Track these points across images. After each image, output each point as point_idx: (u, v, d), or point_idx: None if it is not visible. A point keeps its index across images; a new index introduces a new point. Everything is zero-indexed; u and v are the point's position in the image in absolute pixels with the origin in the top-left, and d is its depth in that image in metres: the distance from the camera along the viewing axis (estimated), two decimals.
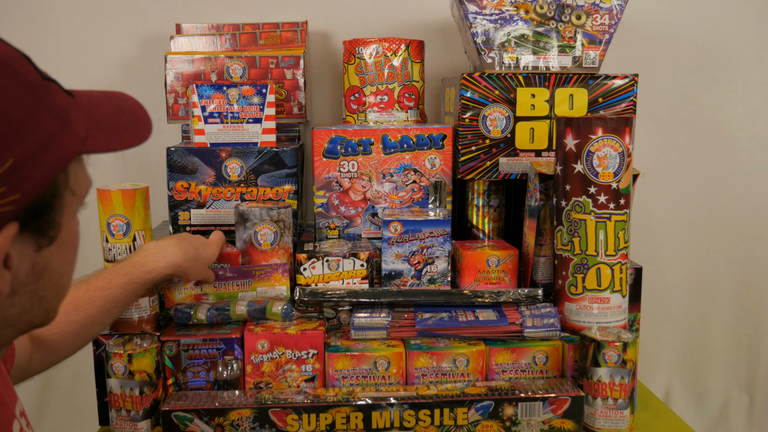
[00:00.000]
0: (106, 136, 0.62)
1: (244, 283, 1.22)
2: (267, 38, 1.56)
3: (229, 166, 1.35)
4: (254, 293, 1.22)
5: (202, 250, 1.14)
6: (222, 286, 1.21)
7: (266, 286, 1.22)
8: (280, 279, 1.22)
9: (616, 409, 1.12)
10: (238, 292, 1.21)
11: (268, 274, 1.22)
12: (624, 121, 1.17)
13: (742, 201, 1.79)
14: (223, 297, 1.21)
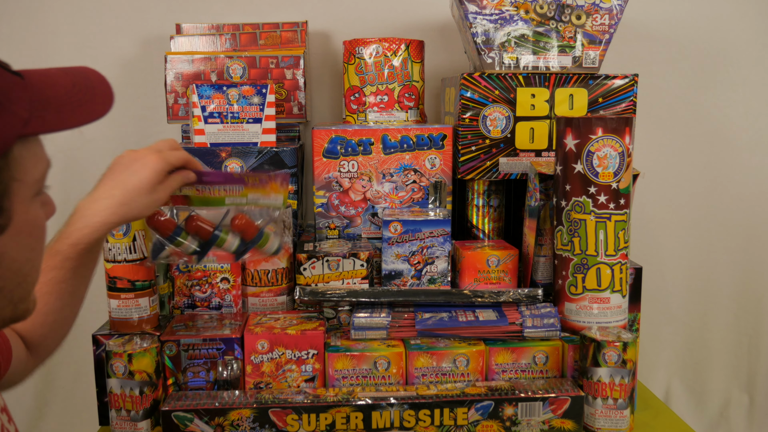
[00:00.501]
0: (55, 115, 0.59)
1: (234, 189, 1.01)
2: (267, 38, 1.56)
3: (229, 166, 1.35)
4: (244, 200, 1.02)
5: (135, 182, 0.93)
6: (206, 190, 1.01)
7: (259, 193, 1.02)
8: (278, 189, 1.02)
9: (616, 409, 1.12)
10: (225, 197, 1.01)
11: (264, 182, 1.02)
12: (624, 121, 1.17)
13: (742, 201, 1.79)
14: (208, 202, 1.01)
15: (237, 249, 1.04)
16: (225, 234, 1.04)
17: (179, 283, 1.27)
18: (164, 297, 1.28)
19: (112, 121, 1.64)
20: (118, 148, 1.68)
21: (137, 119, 1.66)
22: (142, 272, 1.19)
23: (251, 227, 1.05)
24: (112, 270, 1.18)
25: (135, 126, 1.67)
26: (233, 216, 1.04)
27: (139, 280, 1.19)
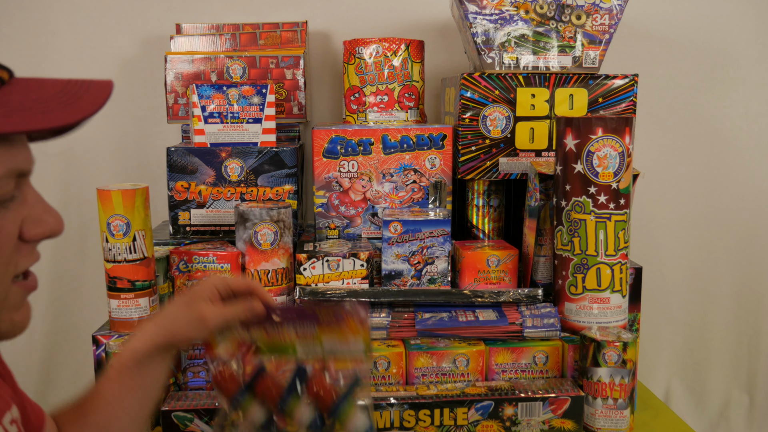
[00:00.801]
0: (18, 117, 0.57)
1: (307, 330, 0.86)
2: (267, 38, 1.56)
3: (229, 166, 1.35)
4: (319, 348, 0.85)
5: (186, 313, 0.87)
6: (276, 332, 0.86)
7: (336, 339, 0.85)
8: (357, 330, 0.84)
9: (616, 409, 1.12)
10: (296, 342, 0.85)
11: (340, 320, 0.85)
12: (624, 121, 1.17)
13: (742, 201, 1.79)
14: (278, 349, 0.86)
15: (311, 423, 0.81)
16: (295, 401, 0.81)
17: (179, 283, 1.27)
18: (164, 297, 1.28)
19: (112, 121, 1.65)
20: (118, 148, 1.70)
21: (137, 119, 1.66)
22: (142, 272, 1.19)
23: (328, 393, 0.81)
24: (112, 270, 1.18)
25: (135, 126, 1.67)
26: (308, 378, 0.83)
27: (139, 280, 1.19)
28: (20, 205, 0.61)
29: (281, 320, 0.82)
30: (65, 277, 1.67)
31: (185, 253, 1.26)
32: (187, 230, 1.37)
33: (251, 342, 0.83)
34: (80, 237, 1.65)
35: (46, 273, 1.64)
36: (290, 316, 0.83)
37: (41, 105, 0.58)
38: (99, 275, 1.53)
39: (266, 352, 0.83)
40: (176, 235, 1.36)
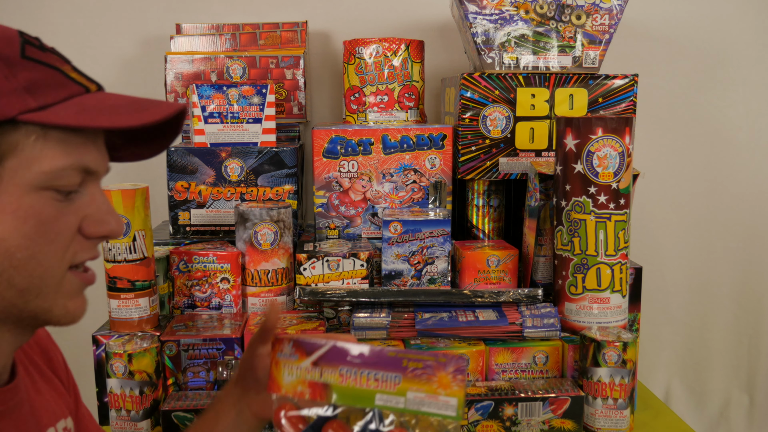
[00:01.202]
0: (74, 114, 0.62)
1: (389, 378, 0.72)
2: (267, 38, 1.56)
3: (229, 166, 1.35)
4: (402, 400, 0.71)
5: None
6: (352, 377, 0.73)
7: (423, 392, 0.70)
8: (449, 384, 0.70)
9: (616, 409, 1.12)
10: (376, 391, 0.72)
11: (431, 372, 0.70)
12: (624, 121, 1.17)
13: (742, 201, 1.79)
14: (354, 396, 0.73)
15: None
16: None
17: (179, 283, 1.27)
18: (164, 297, 1.28)
19: None
20: None
21: None
22: (142, 272, 1.19)
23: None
24: (112, 270, 1.18)
25: None
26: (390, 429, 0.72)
27: (139, 280, 1.19)
28: (86, 202, 0.67)
29: (360, 364, 0.73)
30: None
31: (185, 253, 1.26)
32: (187, 230, 1.37)
33: (322, 383, 0.74)
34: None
35: None
36: (371, 360, 0.73)
37: (112, 110, 0.65)
38: (99, 275, 1.53)
39: (339, 398, 0.73)
40: (176, 235, 1.36)
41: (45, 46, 0.65)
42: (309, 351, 0.73)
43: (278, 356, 0.75)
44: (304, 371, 0.74)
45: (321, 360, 0.73)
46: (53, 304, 0.67)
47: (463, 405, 0.70)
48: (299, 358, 0.74)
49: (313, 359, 0.73)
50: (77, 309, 0.70)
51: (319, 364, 0.73)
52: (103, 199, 0.68)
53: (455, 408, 0.69)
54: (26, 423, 0.73)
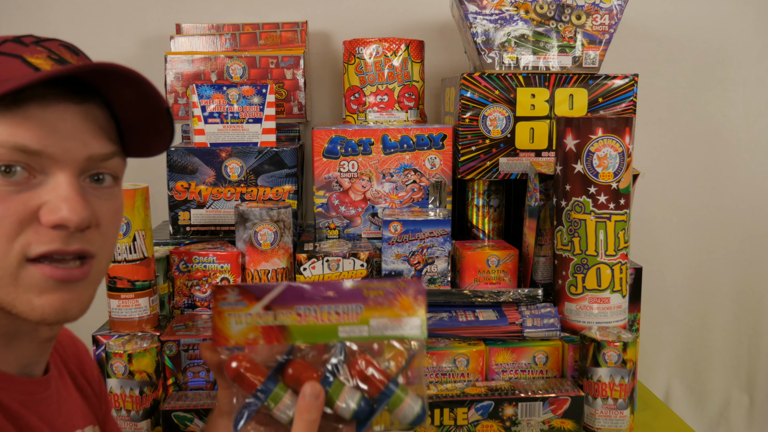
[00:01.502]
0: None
1: (350, 309, 0.71)
2: (267, 38, 1.56)
3: (229, 166, 1.35)
4: (365, 329, 0.70)
5: None
6: (311, 314, 0.70)
7: (386, 317, 0.70)
8: (410, 306, 0.70)
9: (616, 409, 1.12)
10: (338, 324, 0.70)
11: (392, 297, 0.70)
12: (624, 121, 1.17)
13: (743, 201, 1.79)
14: (315, 334, 0.70)
15: (356, 411, 0.68)
16: (337, 387, 0.68)
17: (179, 283, 1.27)
18: (164, 297, 1.28)
19: None
20: None
21: None
22: (142, 272, 1.19)
23: (376, 378, 0.69)
24: (112, 270, 1.18)
25: None
26: (351, 359, 0.70)
27: (139, 280, 1.19)
28: (48, 189, 0.63)
29: (319, 300, 0.69)
30: None
31: (185, 253, 1.26)
32: (187, 230, 1.37)
33: (278, 326, 0.69)
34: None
35: None
36: (331, 295, 0.70)
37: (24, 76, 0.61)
38: None
39: (299, 338, 0.70)
40: (176, 235, 1.36)
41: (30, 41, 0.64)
42: (259, 295, 0.69)
43: (221, 306, 0.70)
44: (255, 317, 0.69)
45: (274, 303, 0.69)
46: (15, 299, 0.63)
47: (426, 323, 0.70)
48: (248, 304, 0.69)
49: (265, 303, 0.69)
50: (47, 306, 0.64)
51: (272, 307, 0.69)
52: (65, 187, 0.63)
53: (419, 327, 0.69)
54: (53, 418, 0.73)
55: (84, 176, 0.66)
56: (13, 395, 0.68)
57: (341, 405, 0.68)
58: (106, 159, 0.67)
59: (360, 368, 0.69)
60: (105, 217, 0.67)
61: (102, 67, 0.63)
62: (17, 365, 0.69)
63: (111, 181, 0.69)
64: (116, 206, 0.70)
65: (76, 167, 0.64)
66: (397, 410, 0.69)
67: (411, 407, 0.69)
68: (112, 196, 0.69)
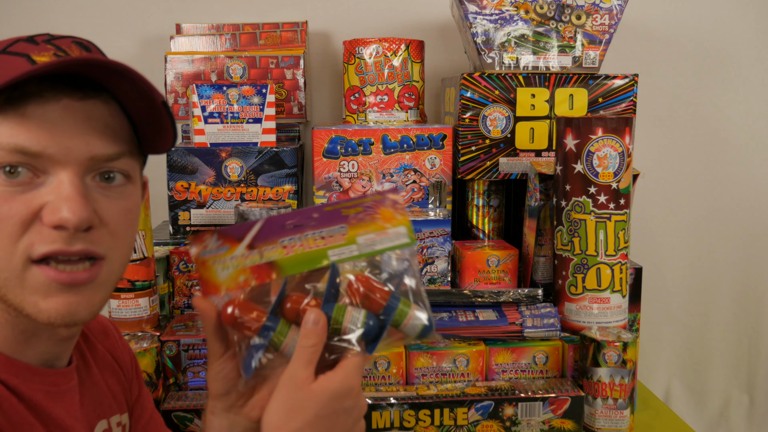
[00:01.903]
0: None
1: (335, 231, 0.68)
2: (267, 38, 1.56)
3: (229, 166, 1.35)
4: (354, 248, 0.68)
5: None
6: (296, 243, 0.67)
7: (372, 232, 0.69)
8: (392, 217, 0.69)
9: (616, 409, 1.12)
10: (326, 249, 0.68)
11: (371, 211, 0.69)
12: (624, 121, 1.17)
13: (742, 201, 1.79)
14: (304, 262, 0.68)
15: (366, 331, 0.66)
16: (341, 309, 0.66)
17: (179, 283, 1.27)
18: (164, 297, 1.28)
19: None
20: None
21: None
22: (142, 272, 1.19)
23: (374, 292, 0.67)
24: None
25: None
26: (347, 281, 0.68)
27: (139, 280, 1.19)
28: (50, 190, 0.62)
29: (300, 227, 0.67)
30: None
31: (185, 253, 1.26)
32: (187, 230, 1.36)
33: (266, 263, 0.66)
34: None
35: None
36: (311, 221, 0.68)
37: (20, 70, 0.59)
38: None
39: (290, 269, 0.67)
40: (176, 235, 1.36)
41: (43, 39, 0.63)
42: (239, 236, 0.67)
43: (203, 255, 0.67)
44: (240, 259, 0.67)
45: (256, 240, 0.67)
46: (23, 301, 0.62)
47: (411, 229, 0.68)
48: (230, 248, 0.67)
49: (247, 242, 0.67)
50: (52, 309, 0.62)
51: (255, 245, 0.67)
52: (66, 187, 0.61)
53: (406, 235, 0.68)
54: (75, 409, 0.72)
55: (92, 174, 0.64)
56: (37, 386, 0.67)
57: (349, 326, 0.65)
58: (111, 159, 0.65)
59: (358, 287, 0.67)
60: (113, 216, 0.65)
61: (83, 61, 0.60)
62: (38, 359, 0.69)
63: (122, 180, 0.66)
64: (128, 205, 0.67)
65: (78, 167, 0.63)
66: (402, 324, 0.66)
67: (417, 318, 0.66)
68: (123, 195, 0.67)
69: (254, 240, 0.67)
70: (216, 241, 0.67)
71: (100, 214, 0.64)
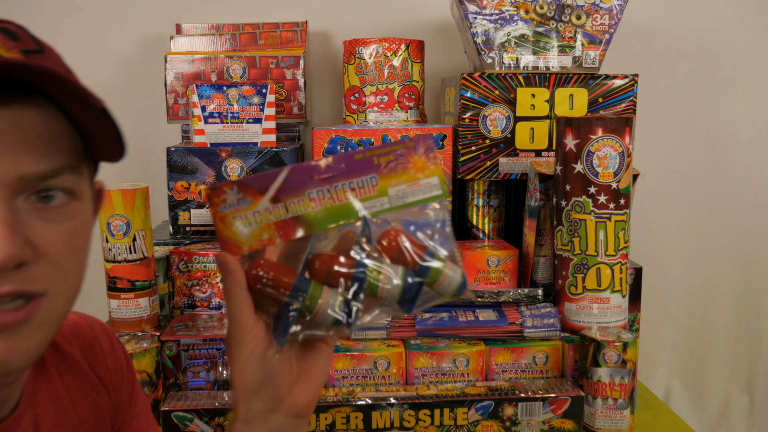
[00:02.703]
0: None
1: (365, 183, 0.62)
2: (267, 38, 1.56)
3: (229, 166, 1.35)
4: (385, 201, 0.63)
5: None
6: (325, 196, 0.61)
7: (403, 183, 0.63)
8: (424, 166, 0.64)
9: (616, 409, 1.12)
10: (356, 201, 0.62)
11: (404, 160, 0.63)
12: (624, 121, 1.17)
13: (743, 201, 1.79)
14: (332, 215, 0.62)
15: (403, 291, 0.61)
16: (376, 269, 0.61)
17: (179, 283, 1.27)
18: (164, 297, 1.28)
19: None
20: None
21: (137, 119, 1.66)
22: (142, 272, 1.19)
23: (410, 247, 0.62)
24: (112, 270, 1.18)
25: (135, 126, 1.67)
26: (379, 234, 0.62)
27: (139, 280, 1.19)
28: None
29: (329, 178, 0.61)
30: None
31: (185, 253, 1.26)
32: (187, 230, 1.37)
33: (292, 218, 0.60)
34: None
35: None
36: (340, 170, 0.62)
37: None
38: (99, 275, 1.53)
39: (317, 225, 0.61)
40: (176, 235, 1.36)
41: None
42: (262, 188, 0.60)
43: (222, 209, 0.59)
44: (264, 214, 0.60)
45: (281, 192, 0.60)
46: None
47: (444, 180, 0.64)
48: (252, 201, 0.59)
49: (271, 195, 0.60)
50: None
51: (280, 198, 0.60)
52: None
53: (438, 186, 0.63)
54: None
55: (25, 195, 0.52)
56: None
57: (386, 287, 0.60)
58: (48, 177, 0.53)
59: (392, 243, 0.61)
60: (54, 244, 0.54)
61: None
62: None
63: (64, 198, 0.55)
64: (73, 227, 0.56)
65: (4, 190, 0.51)
66: (437, 282, 0.61)
67: (452, 277, 0.62)
68: (67, 216, 0.55)
69: (278, 192, 0.60)
70: (236, 193, 0.59)
71: (36, 243, 0.52)
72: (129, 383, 0.78)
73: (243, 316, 0.59)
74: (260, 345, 0.59)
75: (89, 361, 0.72)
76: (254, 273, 0.59)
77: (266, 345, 0.59)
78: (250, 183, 0.60)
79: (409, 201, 0.63)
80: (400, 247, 0.61)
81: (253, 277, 0.59)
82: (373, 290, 0.60)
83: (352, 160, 0.62)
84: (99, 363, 0.73)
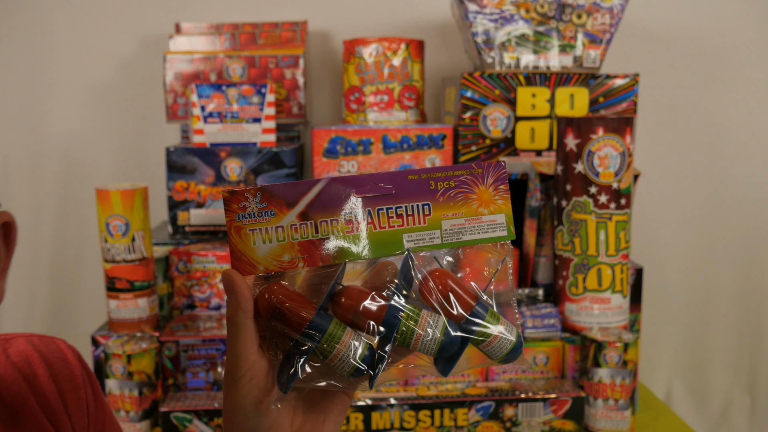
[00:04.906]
0: None
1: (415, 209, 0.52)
2: (266, 38, 1.56)
3: (228, 166, 1.35)
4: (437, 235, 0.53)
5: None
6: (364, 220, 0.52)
7: (462, 217, 0.53)
8: (491, 200, 0.53)
9: (617, 409, 1.11)
10: (401, 231, 0.52)
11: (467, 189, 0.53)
12: (625, 120, 1.16)
13: (744, 201, 1.79)
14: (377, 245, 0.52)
15: (442, 347, 0.50)
16: (413, 313, 0.50)
17: (178, 283, 1.26)
18: (163, 297, 1.27)
19: (111, 120, 1.65)
20: (117, 148, 1.70)
21: (136, 119, 1.66)
22: (141, 272, 1.18)
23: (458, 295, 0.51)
24: (111, 270, 1.17)
25: (134, 126, 1.66)
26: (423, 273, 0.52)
27: (138, 281, 1.18)
28: None
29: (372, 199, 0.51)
30: (64, 277, 1.66)
31: (184, 253, 1.26)
32: (186, 230, 1.36)
33: (320, 239, 0.51)
34: (79, 237, 1.65)
35: (45, 273, 1.64)
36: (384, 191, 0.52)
37: None
38: (98, 275, 1.53)
39: (349, 253, 0.51)
40: (175, 235, 1.36)
41: None
42: (290, 200, 0.50)
43: (239, 218, 0.50)
44: (288, 231, 0.50)
45: (312, 208, 0.50)
46: None
47: (512, 219, 0.53)
48: (276, 214, 0.50)
49: (300, 210, 0.50)
50: None
51: (310, 215, 0.50)
52: None
53: (505, 226, 0.53)
54: None
55: None
56: None
57: (423, 338, 0.49)
58: None
59: (437, 287, 0.51)
60: None
61: None
62: None
63: None
64: None
65: None
66: (485, 342, 0.51)
67: (504, 338, 0.51)
68: None
69: (309, 207, 0.50)
70: (260, 202, 0.50)
71: None
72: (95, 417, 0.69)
73: (243, 350, 0.49)
74: (258, 388, 0.49)
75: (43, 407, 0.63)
76: (266, 299, 0.50)
77: (266, 389, 0.50)
78: (277, 192, 0.50)
79: (465, 239, 0.53)
80: (446, 293, 0.51)
81: (264, 304, 0.50)
82: (405, 340, 0.50)
83: (405, 181, 0.52)
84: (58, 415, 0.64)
